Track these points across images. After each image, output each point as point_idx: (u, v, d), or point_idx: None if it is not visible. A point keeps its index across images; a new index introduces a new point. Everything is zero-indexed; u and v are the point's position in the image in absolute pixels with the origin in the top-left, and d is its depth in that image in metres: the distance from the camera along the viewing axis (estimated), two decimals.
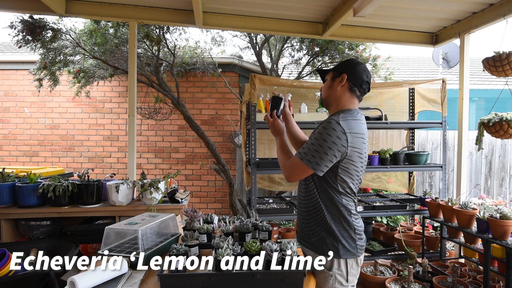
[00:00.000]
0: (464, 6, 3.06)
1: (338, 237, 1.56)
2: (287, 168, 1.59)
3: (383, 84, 4.11)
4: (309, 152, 1.51)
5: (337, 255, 1.55)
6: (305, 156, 1.52)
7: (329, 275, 1.55)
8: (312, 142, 1.52)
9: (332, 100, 1.66)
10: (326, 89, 1.69)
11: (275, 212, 3.33)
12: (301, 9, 3.26)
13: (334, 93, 1.64)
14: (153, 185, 2.74)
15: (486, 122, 2.76)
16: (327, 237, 1.57)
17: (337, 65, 1.70)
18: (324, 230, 1.57)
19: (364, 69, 1.64)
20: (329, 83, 1.67)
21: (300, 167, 1.54)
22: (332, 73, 1.67)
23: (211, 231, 1.92)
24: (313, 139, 1.52)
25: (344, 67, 1.64)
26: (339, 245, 1.56)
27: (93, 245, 2.75)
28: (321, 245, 1.58)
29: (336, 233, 1.56)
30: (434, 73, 7.70)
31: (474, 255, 2.99)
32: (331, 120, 1.51)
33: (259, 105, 3.52)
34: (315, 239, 1.60)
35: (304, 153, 1.52)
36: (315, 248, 1.60)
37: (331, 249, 1.56)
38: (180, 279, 1.40)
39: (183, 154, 5.80)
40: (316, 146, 1.50)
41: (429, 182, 5.62)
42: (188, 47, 5.31)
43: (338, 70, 1.65)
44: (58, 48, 4.15)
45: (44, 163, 5.76)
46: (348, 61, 1.67)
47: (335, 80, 1.64)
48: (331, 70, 1.69)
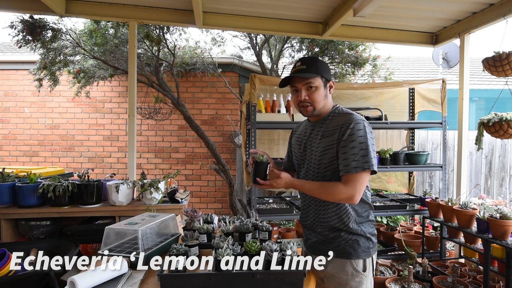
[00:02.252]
0: (464, 6, 3.06)
1: (369, 237, 1.55)
2: (346, 191, 1.43)
3: (383, 84, 4.11)
4: (363, 157, 1.43)
5: (368, 255, 1.54)
6: (363, 165, 1.42)
7: (364, 276, 1.53)
8: (355, 145, 1.44)
9: (325, 107, 1.60)
10: (322, 100, 1.57)
11: (275, 212, 3.33)
12: (301, 9, 3.26)
13: (327, 101, 1.60)
14: (153, 185, 2.74)
15: (486, 122, 2.76)
16: (360, 239, 1.53)
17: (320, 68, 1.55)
18: (357, 234, 1.53)
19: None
20: (324, 92, 1.57)
21: (365, 178, 1.45)
22: (321, 79, 1.55)
23: (211, 231, 1.92)
24: (354, 143, 1.44)
25: (328, 72, 1.58)
26: (370, 244, 1.55)
27: (93, 245, 2.75)
28: (355, 249, 1.53)
29: (367, 233, 1.55)
30: (434, 73, 7.70)
31: (474, 255, 2.99)
32: (356, 120, 1.47)
33: (259, 105, 3.53)
34: (346, 245, 1.54)
35: (369, 161, 1.42)
36: (347, 254, 1.53)
37: (364, 250, 1.53)
38: (180, 279, 1.40)
39: (183, 154, 5.80)
40: (366, 145, 1.43)
41: (429, 182, 5.62)
42: (188, 47, 5.32)
43: (326, 77, 1.57)
44: (58, 48, 4.15)
45: (44, 163, 5.76)
46: (323, 63, 1.58)
47: (327, 88, 1.59)
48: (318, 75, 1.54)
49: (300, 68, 1.54)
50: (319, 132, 1.58)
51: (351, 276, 1.52)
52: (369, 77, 5.25)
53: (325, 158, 1.53)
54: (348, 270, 1.52)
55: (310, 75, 1.53)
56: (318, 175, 1.57)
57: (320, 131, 1.58)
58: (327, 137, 1.54)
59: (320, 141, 1.56)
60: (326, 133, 1.55)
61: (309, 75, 1.53)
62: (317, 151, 1.56)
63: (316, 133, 1.60)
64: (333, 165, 1.52)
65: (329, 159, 1.52)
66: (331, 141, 1.51)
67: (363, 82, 5.33)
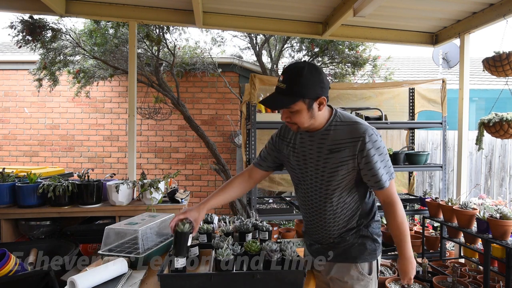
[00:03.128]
0: (464, 6, 3.05)
1: (376, 239, 1.51)
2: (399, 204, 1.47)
3: (383, 84, 4.11)
4: (388, 167, 1.43)
5: (374, 257, 1.50)
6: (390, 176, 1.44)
7: (370, 279, 1.48)
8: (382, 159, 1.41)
9: (315, 124, 1.42)
10: (307, 121, 1.38)
11: (275, 212, 3.33)
12: (301, 9, 3.26)
13: (317, 119, 1.41)
14: (153, 185, 2.74)
15: (486, 122, 2.76)
16: (367, 242, 1.49)
17: (301, 88, 1.32)
18: (364, 236, 1.49)
19: (323, 73, 1.40)
20: (307, 115, 1.37)
21: (393, 184, 1.47)
22: (303, 102, 1.34)
23: (211, 231, 1.92)
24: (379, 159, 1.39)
25: (316, 88, 1.34)
26: (376, 246, 1.51)
27: (93, 245, 2.75)
28: (361, 252, 1.49)
29: (374, 235, 1.51)
30: (434, 73, 7.70)
31: (474, 255, 2.99)
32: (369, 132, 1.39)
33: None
34: (352, 248, 1.49)
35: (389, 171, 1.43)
36: (352, 257, 1.49)
37: (370, 253, 1.49)
38: (180, 279, 1.40)
39: (183, 154, 5.80)
40: (383, 157, 1.41)
41: (429, 182, 5.62)
42: (188, 47, 5.32)
43: (311, 97, 1.34)
44: (58, 48, 4.15)
45: (44, 163, 5.76)
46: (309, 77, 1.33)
47: (313, 108, 1.37)
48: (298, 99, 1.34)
49: (281, 87, 1.34)
50: (323, 146, 1.43)
51: (356, 280, 1.47)
52: (369, 77, 5.25)
53: (337, 174, 1.41)
54: (354, 274, 1.47)
55: (287, 101, 1.34)
56: (328, 190, 1.45)
57: (324, 144, 1.43)
58: (338, 152, 1.40)
59: (328, 156, 1.41)
60: (335, 148, 1.40)
61: (287, 101, 1.34)
62: (326, 167, 1.42)
63: (318, 146, 1.44)
64: (346, 179, 1.43)
65: (342, 175, 1.41)
66: (345, 157, 1.39)
67: (363, 82, 5.33)
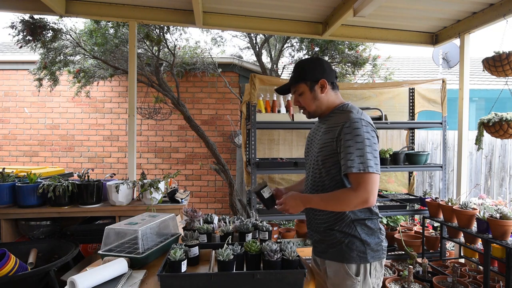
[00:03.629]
0: (464, 6, 3.05)
1: (366, 240, 1.49)
2: (360, 195, 1.40)
3: (383, 84, 4.11)
4: (368, 159, 1.39)
5: (365, 260, 1.48)
6: (359, 166, 1.39)
7: (357, 281, 1.48)
8: (358, 147, 1.41)
9: (322, 107, 1.62)
10: (311, 102, 1.61)
11: (275, 212, 3.33)
12: (301, 9, 3.26)
13: (322, 102, 1.61)
14: (153, 185, 2.74)
15: (486, 122, 2.76)
16: (354, 243, 1.49)
17: (302, 73, 1.60)
18: (350, 235, 1.49)
19: (328, 63, 1.65)
20: (310, 96, 1.60)
21: (375, 180, 1.41)
22: (305, 84, 1.60)
23: (211, 231, 1.92)
24: (355, 145, 1.41)
25: (314, 72, 1.58)
26: (366, 249, 1.49)
27: (93, 245, 2.75)
28: (347, 252, 1.49)
29: (363, 236, 1.49)
30: (434, 73, 7.70)
31: (474, 255, 2.99)
32: (352, 119, 1.45)
33: (259, 105, 3.53)
34: (340, 247, 1.51)
35: (365, 162, 1.39)
36: (340, 257, 1.50)
37: (358, 254, 1.48)
38: (180, 279, 1.40)
39: (183, 154, 5.80)
40: (367, 149, 1.41)
41: (429, 182, 5.62)
42: (188, 47, 5.32)
43: (311, 79, 1.58)
44: (58, 48, 4.15)
45: (44, 163, 5.76)
46: (311, 64, 1.61)
47: (315, 90, 1.59)
48: (300, 81, 1.61)
49: (291, 76, 1.65)
50: (321, 129, 1.61)
51: (342, 279, 1.49)
52: (369, 77, 5.25)
53: (321, 155, 1.54)
54: (340, 273, 1.50)
55: (292, 83, 1.63)
56: (315, 173, 1.59)
57: (322, 127, 1.60)
58: (327, 133, 1.54)
59: (320, 137, 1.58)
60: (327, 130, 1.55)
61: (291, 83, 1.64)
62: (317, 147, 1.58)
63: (319, 130, 1.63)
64: (328, 163, 1.51)
65: (324, 156, 1.52)
66: (329, 138, 1.51)
67: (363, 82, 5.33)
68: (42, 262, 2.37)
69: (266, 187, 1.69)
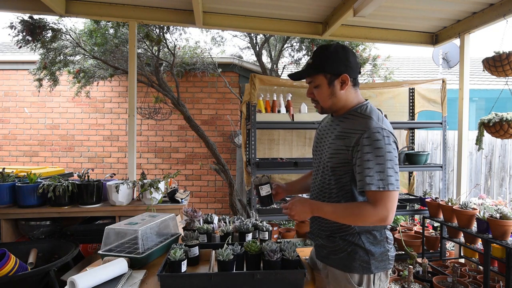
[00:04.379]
0: (464, 6, 3.06)
1: (370, 250, 1.37)
2: (379, 213, 1.26)
3: (383, 84, 4.11)
4: (388, 175, 1.26)
5: (368, 271, 1.37)
6: (391, 182, 1.26)
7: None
8: (378, 162, 1.26)
9: (338, 105, 1.43)
10: (327, 98, 1.41)
11: (275, 212, 3.33)
12: (301, 9, 3.26)
13: (340, 99, 1.41)
14: (153, 185, 2.74)
15: (486, 122, 2.76)
16: (358, 252, 1.38)
17: (322, 62, 1.38)
18: (354, 244, 1.38)
19: (354, 55, 1.42)
20: (327, 91, 1.40)
21: (395, 198, 1.28)
22: (324, 76, 1.39)
23: (211, 231, 1.92)
24: (375, 159, 1.27)
25: (338, 65, 1.37)
26: (370, 259, 1.37)
27: (93, 245, 2.75)
28: (349, 261, 1.38)
29: (367, 246, 1.37)
30: (434, 73, 7.70)
31: (474, 255, 2.99)
32: (372, 129, 1.29)
33: (259, 105, 3.53)
34: (342, 255, 1.40)
35: (385, 179, 1.26)
36: (342, 265, 1.40)
37: (361, 264, 1.37)
38: (180, 279, 1.40)
39: (183, 154, 5.80)
40: (388, 164, 1.26)
41: (429, 182, 5.61)
42: (188, 47, 5.32)
43: (332, 72, 1.38)
44: (58, 48, 4.15)
45: (44, 163, 5.76)
46: (334, 54, 1.37)
47: (335, 85, 1.39)
48: (319, 72, 1.40)
49: (309, 62, 1.43)
50: (335, 131, 1.43)
51: (344, 287, 1.41)
52: (369, 77, 5.25)
53: (332, 161, 1.39)
54: (342, 281, 1.40)
55: (308, 72, 1.41)
56: (324, 177, 1.45)
57: (336, 129, 1.43)
58: (341, 139, 1.37)
59: (333, 141, 1.41)
60: (341, 135, 1.38)
61: (308, 72, 1.41)
62: (328, 151, 1.42)
63: (332, 131, 1.45)
64: (339, 171, 1.38)
65: (336, 163, 1.38)
66: (343, 146, 1.35)
67: (363, 82, 5.33)
68: (42, 262, 2.37)
69: (267, 185, 1.62)
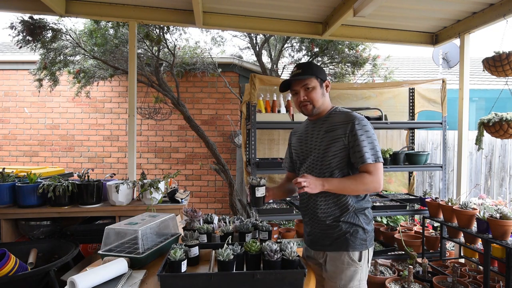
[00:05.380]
0: (464, 6, 3.06)
1: (366, 228, 1.63)
2: (373, 179, 1.57)
3: (383, 84, 4.11)
4: (377, 151, 1.59)
5: (365, 247, 1.63)
6: (378, 155, 1.59)
7: (359, 266, 1.61)
8: (370, 141, 1.59)
9: (323, 106, 1.73)
10: (319, 98, 1.70)
11: (275, 212, 3.33)
12: (301, 9, 3.26)
13: (325, 100, 1.74)
14: (153, 185, 2.74)
15: (486, 122, 2.76)
16: (358, 231, 1.62)
17: (314, 69, 1.70)
18: (355, 225, 1.62)
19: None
20: (320, 91, 1.71)
21: (381, 168, 1.60)
22: (316, 79, 1.69)
23: (211, 231, 1.92)
24: (367, 139, 1.59)
25: (322, 73, 1.71)
26: (367, 236, 1.63)
27: (93, 245, 2.75)
28: (352, 241, 1.61)
29: (364, 225, 1.63)
30: (434, 73, 7.70)
31: (474, 255, 2.99)
32: (359, 117, 1.63)
33: (259, 105, 3.53)
34: (345, 237, 1.62)
35: (376, 154, 1.59)
36: (345, 246, 1.61)
37: (361, 242, 1.62)
38: (180, 279, 1.40)
39: (183, 154, 5.80)
40: (375, 142, 1.60)
41: (429, 182, 5.62)
42: (188, 47, 5.32)
43: (321, 77, 1.70)
44: (58, 48, 4.15)
45: (44, 163, 5.76)
46: (316, 65, 1.75)
47: (323, 87, 1.72)
48: (314, 76, 1.69)
49: (297, 72, 1.70)
50: (322, 128, 1.70)
51: (346, 265, 1.61)
52: (369, 77, 5.26)
53: (330, 150, 1.63)
54: (345, 260, 1.61)
55: (305, 76, 1.68)
56: (323, 167, 1.66)
57: (322, 127, 1.70)
58: (332, 131, 1.65)
59: (324, 135, 1.67)
60: (330, 129, 1.66)
61: (305, 76, 1.68)
62: (322, 145, 1.66)
63: (318, 130, 1.71)
64: (338, 157, 1.63)
65: (334, 152, 1.63)
66: (337, 135, 1.63)
67: (363, 81, 5.33)
68: (42, 262, 2.37)
69: (263, 187, 1.73)
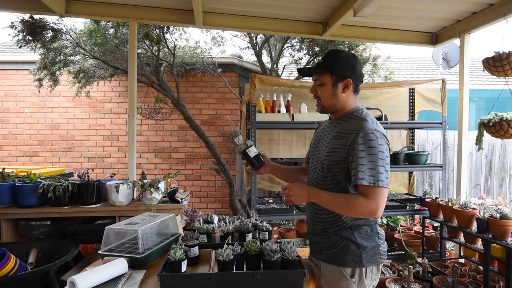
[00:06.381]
0: (464, 6, 3.05)
1: (361, 245, 1.47)
2: (370, 205, 1.37)
3: (383, 84, 4.11)
4: (379, 173, 1.38)
5: (360, 264, 1.47)
6: (381, 179, 1.37)
7: (352, 282, 1.48)
8: (371, 160, 1.38)
9: (337, 106, 1.55)
10: (329, 98, 1.53)
11: (275, 212, 3.33)
12: (301, 9, 3.26)
13: (339, 101, 1.53)
14: (153, 185, 2.74)
15: (486, 122, 2.76)
16: (350, 247, 1.47)
17: (331, 64, 1.50)
18: (346, 239, 1.48)
19: (361, 65, 1.55)
20: (330, 91, 1.52)
21: (384, 194, 1.39)
22: (330, 77, 1.51)
23: (211, 231, 1.92)
24: (367, 157, 1.38)
25: (344, 69, 1.49)
26: (362, 253, 1.46)
27: (93, 245, 2.75)
28: (342, 256, 1.48)
29: (359, 240, 1.47)
30: (434, 73, 7.69)
31: (474, 255, 2.99)
32: (367, 130, 1.41)
33: (259, 105, 3.53)
34: (335, 251, 1.50)
35: (376, 176, 1.37)
36: (335, 259, 1.50)
37: (353, 258, 1.46)
38: (180, 279, 1.40)
39: (183, 154, 5.80)
40: (379, 162, 1.38)
41: (429, 182, 5.61)
42: (188, 47, 5.32)
43: (338, 74, 1.50)
44: (58, 48, 4.15)
45: (44, 163, 5.75)
46: (344, 59, 1.50)
47: (338, 87, 1.51)
48: (326, 72, 1.51)
49: (319, 62, 1.55)
50: (332, 132, 1.54)
51: (337, 280, 1.49)
52: (369, 77, 5.25)
53: (329, 159, 1.49)
54: (335, 274, 1.50)
55: (317, 70, 1.53)
56: (319, 175, 1.55)
57: (333, 131, 1.54)
58: (338, 139, 1.49)
59: (330, 141, 1.52)
60: (338, 135, 1.50)
61: (316, 70, 1.53)
62: (325, 150, 1.53)
63: (329, 132, 1.57)
64: (334, 169, 1.48)
65: (333, 162, 1.48)
66: (340, 145, 1.46)
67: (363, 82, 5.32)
68: (42, 262, 2.37)
69: (252, 146, 1.69)
